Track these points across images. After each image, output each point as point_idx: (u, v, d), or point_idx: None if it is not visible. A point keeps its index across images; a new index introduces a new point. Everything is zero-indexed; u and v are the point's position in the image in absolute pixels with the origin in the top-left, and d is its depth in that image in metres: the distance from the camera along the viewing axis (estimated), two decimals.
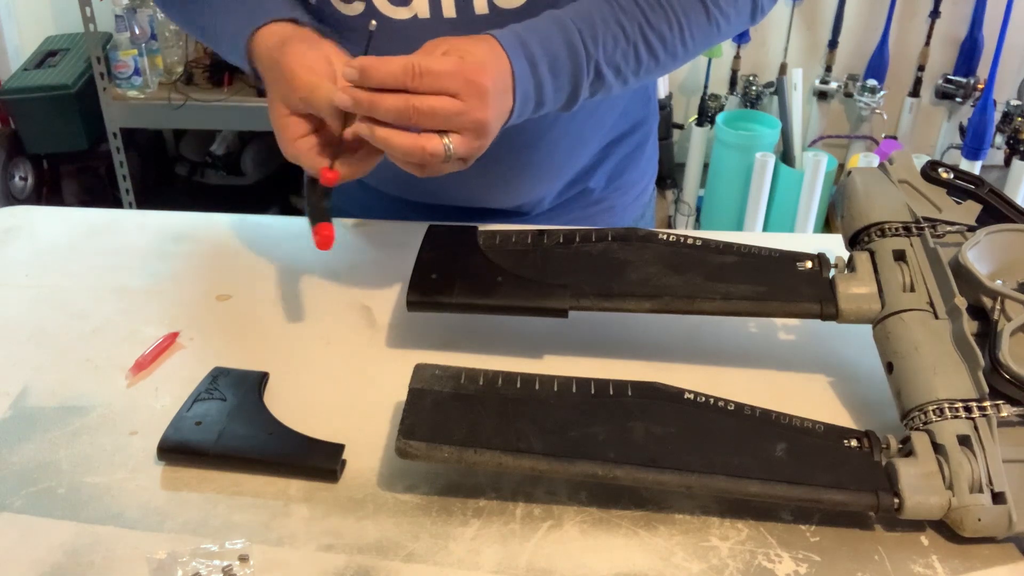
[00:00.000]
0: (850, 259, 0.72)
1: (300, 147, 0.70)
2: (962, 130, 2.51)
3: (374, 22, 0.66)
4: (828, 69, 2.56)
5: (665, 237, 0.75)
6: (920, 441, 0.60)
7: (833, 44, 2.53)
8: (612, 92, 0.77)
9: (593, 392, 0.62)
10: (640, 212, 1.05)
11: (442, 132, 0.66)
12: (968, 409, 0.60)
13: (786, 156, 2.44)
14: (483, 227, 0.79)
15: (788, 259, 0.73)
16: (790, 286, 0.71)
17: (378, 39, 0.80)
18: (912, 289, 0.68)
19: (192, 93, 2.33)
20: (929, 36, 2.50)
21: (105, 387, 0.71)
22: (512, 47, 0.70)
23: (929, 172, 0.75)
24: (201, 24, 0.81)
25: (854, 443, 0.61)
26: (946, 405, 0.60)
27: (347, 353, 0.75)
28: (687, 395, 0.62)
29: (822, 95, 2.58)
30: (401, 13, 0.78)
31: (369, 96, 0.65)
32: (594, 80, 0.75)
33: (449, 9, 0.78)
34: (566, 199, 0.97)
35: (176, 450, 0.64)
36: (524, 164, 0.89)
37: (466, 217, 0.91)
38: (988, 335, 0.63)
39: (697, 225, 2.58)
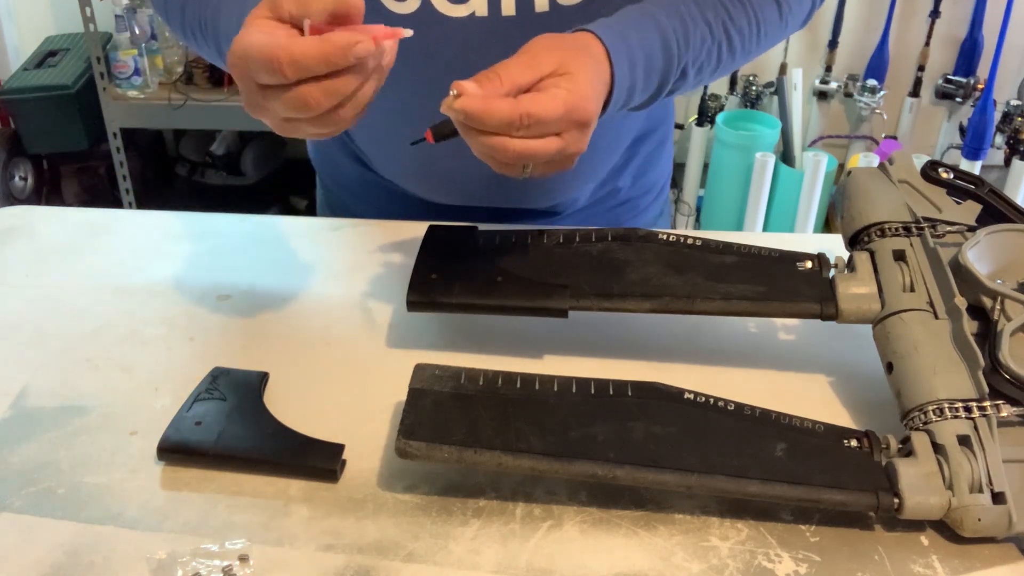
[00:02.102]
0: (850, 259, 0.72)
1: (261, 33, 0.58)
2: (962, 130, 2.51)
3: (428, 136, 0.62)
4: (828, 69, 2.56)
5: (665, 237, 0.75)
6: (920, 441, 0.60)
7: (833, 44, 2.52)
8: (685, 90, 0.76)
9: (593, 392, 0.62)
10: (659, 210, 1.05)
11: None
12: (968, 409, 0.60)
13: (786, 156, 2.44)
14: (483, 227, 0.79)
15: (788, 259, 0.73)
16: (790, 286, 0.71)
17: (434, 37, 0.78)
18: (912, 289, 0.68)
19: (192, 93, 2.33)
20: (929, 36, 2.50)
21: (105, 387, 0.71)
22: (617, 52, 0.67)
23: (929, 172, 0.75)
24: (197, 21, 0.76)
25: (854, 443, 0.61)
26: (946, 405, 0.60)
27: (347, 353, 0.75)
28: (687, 395, 0.62)
29: (822, 95, 2.58)
30: (459, 11, 0.77)
31: (468, 133, 0.62)
32: (677, 79, 0.73)
33: (509, 7, 0.76)
34: (596, 199, 0.97)
35: (176, 450, 0.64)
36: None
37: (499, 218, 0.90)
38: (988, 335, 0.63)
39: (697, 225, 2.58)
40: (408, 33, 0.60)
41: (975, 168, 2.38)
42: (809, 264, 0.73)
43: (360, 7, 0.59)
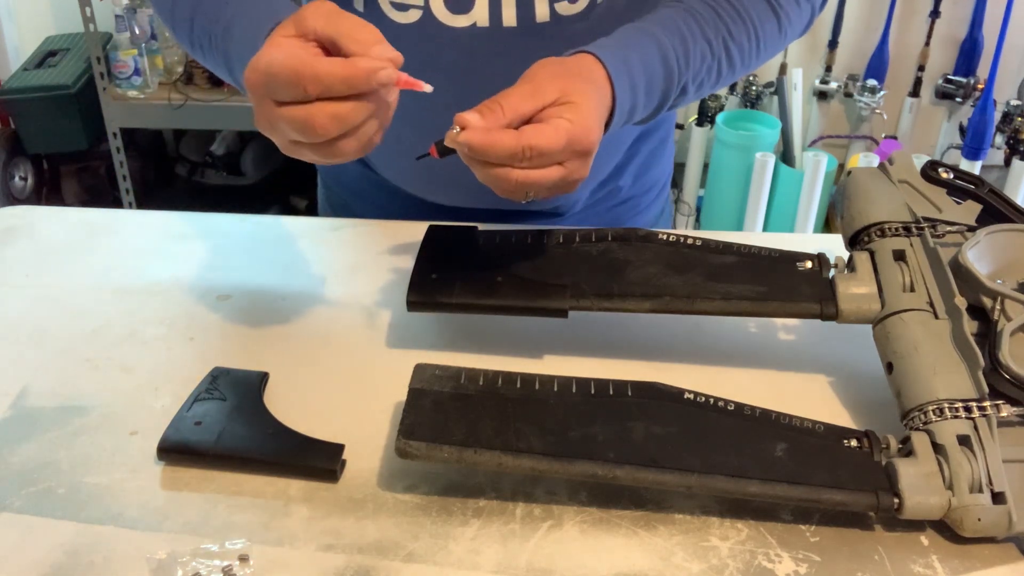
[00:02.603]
0: (850, 259, 0.72)
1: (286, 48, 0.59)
2: (962, 130, 2.51)
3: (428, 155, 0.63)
4: (828, 69, 2.56)
5: (665, 237, 0.75)
6: (920, 441, 0.60)
7: (833, 44, 2.52)
8: (685, 104, 0.76)
9: (593, 392, 0.62)
10: (660, 208, 1.05)
11: None
12: (968, 409, 0.60)
13: (786, 156, 2.44)
14: (483, 227, 0.79)
15: (788, 259, 0.73)
16: (790, 286, 0.71)
17: (436, 46, 0.78)
18: (912, 289, 0.68)
19: (192, 93, 2.33)
20: (929, 36, 2.50)
21: (105, 387, 0.71)
22: (618, 75, 0.67)
23: (929, 172, 0.75)
24: (207, 36, 0.75)
25: (854, 443, 0.61)
26: (946, 405, 0.60)
27: (347, 353, 0.75)
28: (687, 395, 0.62)
29: (822, 95, 2.58)
30: (460, 21, 0.77)
31: (472, 163, 0.63)
32: (678, 96, 0.74)
33: (510, 18, 0.77)
34: (597, 198, 0.97)
35: (176, 450, 0.64)
36: None
37: (501, 219, 0.90)
38: (988, 335, 0.63)
39: (697, 225, 2.58)
40: (428, 88, 0.61)
41: (975, 168, 2.38)
42: (809, 264, 0.73)
43: (399, 59, 0.59)
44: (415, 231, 0.80)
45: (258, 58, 0.59)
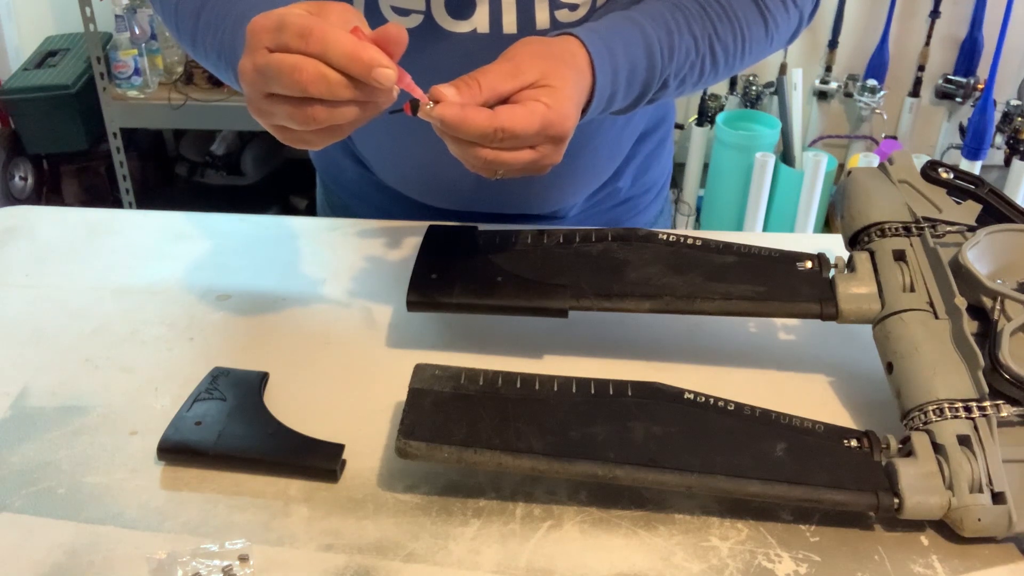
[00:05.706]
0: (850, 259, 0.72)
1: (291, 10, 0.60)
2: (962, 130, 2.51)
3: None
4: (828, 69, 2.55)
5: (665, 237, 0.75)
6: (920, 441, 0.60)
7: (833, 44, 2.52)
8: (666, 99, 0.76)
9: (593, 392, 0.62)
10: (659, 208, 1.05)
11: None
12: (968, 409, 0.60)
13: (786, 156, 2.44)
14: (483, 227, 0.79)
15: (788, 259, 0.73)
16: (790, 286, 0.71)
17: (436, 51, 0.78)
18: (912, 289, 0.68)
19: (192, 93, 2.33)
20: (929, 36, 2.50)
21: (105, 387, 0.71)
22: (601, 61, 0.67)
23: (929, 172, 0.75)
24: (211, 29, 0.74)
25: (854, 443, 0.61)
26: (946, 405, 0.60)
27: (347, 353, 0.75)
28: (687, 395, 0.62)
29: (822, 95, 2.57)
30: (461, 27, 0.77)
31: (443, 136, 0.63)
32: (658, 90, 0.73)
33: (510, 25, 0.77)
34: (597, 199, 0.97)
35: (176, 450, 0.64)
36: (567, 172, 0.88)
37: (500, 221, 0.90)
38: (988, 335, 0.63)
39: (697, 225, 2.58)
40: (429, 102, 0.61)
41: (975, 168, 2.38)
42: (809, 264, 0.73)
43: (404, 41, 0.59)
44: (415, 231, 0.81)
45: (272, 11, 0.59)
